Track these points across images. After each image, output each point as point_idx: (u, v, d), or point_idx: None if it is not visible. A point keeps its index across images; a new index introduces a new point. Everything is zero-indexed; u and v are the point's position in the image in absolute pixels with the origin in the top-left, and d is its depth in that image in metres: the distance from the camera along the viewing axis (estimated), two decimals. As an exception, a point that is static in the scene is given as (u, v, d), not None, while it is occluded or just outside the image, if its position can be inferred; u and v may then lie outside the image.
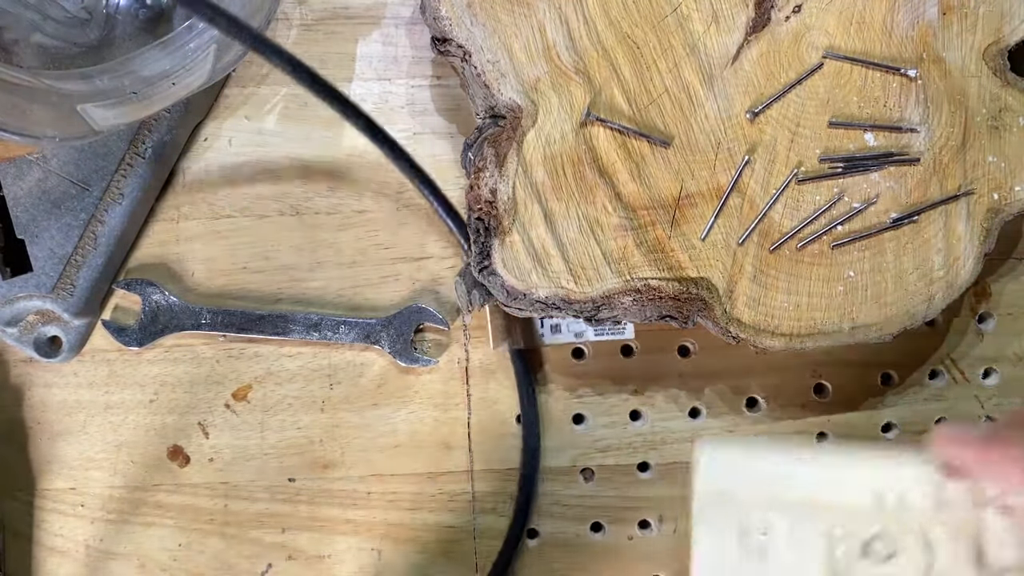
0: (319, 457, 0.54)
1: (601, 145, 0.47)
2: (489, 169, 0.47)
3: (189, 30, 0.46)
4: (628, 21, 0.47)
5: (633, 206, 0.47)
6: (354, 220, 0.55)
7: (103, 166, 0.52)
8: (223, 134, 0.55)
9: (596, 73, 0.47)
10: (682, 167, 0.47)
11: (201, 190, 0.55)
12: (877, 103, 0.48)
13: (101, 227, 0.52)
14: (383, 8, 0.56)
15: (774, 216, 0.47)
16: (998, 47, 0.48)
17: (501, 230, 0.47)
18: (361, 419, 0.55)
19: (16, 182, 0.52)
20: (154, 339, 0.54)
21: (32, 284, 0.51)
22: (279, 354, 0.55)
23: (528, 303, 0.47)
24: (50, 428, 0.54)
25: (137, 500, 0.54)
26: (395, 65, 0.56)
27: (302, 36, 0.55)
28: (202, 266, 0.55)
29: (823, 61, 0.47)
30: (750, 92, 0.47)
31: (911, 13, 0.47)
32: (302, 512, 0.54)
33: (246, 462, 0.54)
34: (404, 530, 0.54)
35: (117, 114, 0.47)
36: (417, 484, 0.55)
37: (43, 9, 0.50)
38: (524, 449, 0.54)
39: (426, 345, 0.55)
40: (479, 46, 0.47)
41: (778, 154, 0.47)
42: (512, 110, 0.47)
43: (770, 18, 0.47)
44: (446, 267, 0.55)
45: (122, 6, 0.52)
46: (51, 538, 0.54)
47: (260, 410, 0.54)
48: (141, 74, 0.45)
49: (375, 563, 0.54)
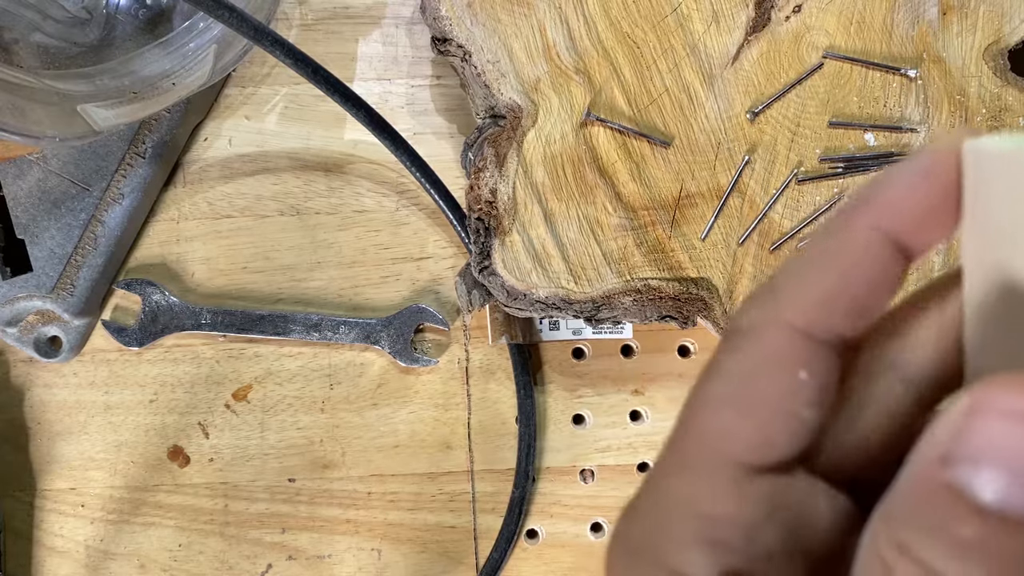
0: (319, 457, 0.54)
1: (601, 145, 0.47)
2: (489, 169, 0.47)
3: (189, 30, 0.46)
4: (628, 21, 0.47)
5: (633, 206, 0.47)
6: (354, 220, 0.55)
7: (103, 166, 0.52)
8: (223, 134, 0.55)
9: (596, 73, 0.47)
10: (682, 167, 0.47)
11: (201, 190, 0.55)
12: (877, 103, 0.48)
13: (101, 227, 0.52)
14: (383, 8, 0.56)
15: (774, 216, 0.47)
16: (998, 47, 0.48)
17: (501, 230, 0.47)
18: (361, 419, 0.55)
19: (16, 182, 0.52)
20: (154, 339, 0.54)
21: (32, 284, 0.51)
22: (279, 354, 0.55)
23: (528, 303, 0.47)
24: (50, 428, 0.54)
25: (137, 500, 0.54)
26: (395, 65, 0.56)
27: (302, 36, 0.55)
28: (202, 266, 0.55)
29: (823, 61, 0.47)
30: (750, 92, 0.47)
31: (911, 13, 0.47)
32: (302, 512, 0.54)
33: (246, 462, 0.54)
34: (404, 530, 0.54)
35: (117, 114, 0.47)
36: (417, 484, 0.55)
37: (43, 9, 0.50)
38: (520, 439, 0.54)
39: (426, 345, 0.55)
40: (479, 46, 0.47)
41: (778, 154, 0.47)
42: (512, 110, 0.47)
43: (770, 18, 0.47)
44: (446, 267, 0.55)
45: (122, 6, 0.52)
46: (51, 538, 0.54)
47: (260, 410, 0.54)
48: (141, 74, 0.45)
49: (375, 563, 0.54)
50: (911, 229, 0.20)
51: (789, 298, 0.20)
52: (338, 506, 0.54)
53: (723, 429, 0.20)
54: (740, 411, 0.20)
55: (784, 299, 0.20)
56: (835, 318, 0.20)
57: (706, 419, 0.20)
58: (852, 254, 0.20)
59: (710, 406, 0.20)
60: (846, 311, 0.20)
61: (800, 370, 0.20)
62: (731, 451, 0.20)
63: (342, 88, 0.48)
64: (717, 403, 0.20)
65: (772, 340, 0.20)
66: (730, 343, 0.21)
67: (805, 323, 0.20)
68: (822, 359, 0.20)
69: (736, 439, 0.20)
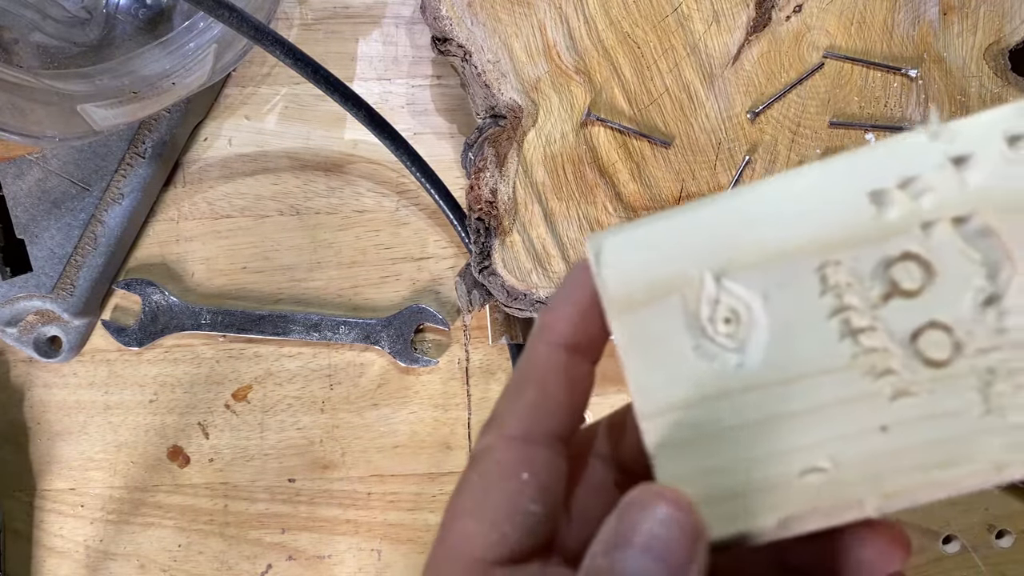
0: (319, 457, 0.54)
1: (602, 145, 0.47)
2: (489, 169, 0.47)
3: (189, 30, 0.46)
4: (629, 21, 0.47)
5: (634, 206, 0.47)
6: (354, 220, 0.55)
7: (103, 166, 0.52)
8: (223, 134, 0.55)
9: (597, 73, 0.47)
10: (683, 167, 0.47)
11: (201, 190, 0.55)
12: (878, 103, 0.48)
13: (101, 227, 0.52)
14: (383, 8, 0.56)
15: (775, 216, 0.47)
16: (999, 47, 0.48)
17: (501, 230, 0.47)
18: (361, 419, 0.54)
19: (16, 182, 0.52)
20: (154, 339, 0.54)
21: (32, 284, 0.51)
22: (279, 354, 0.55)
23: (528, 303, 0.47)
24: (50, 428, 0.54)
25: (137, 500, 0.54)
26: (395, 65, 0.56)
27: (302, 36, 0.55)
28: (202, 266, 0.55)
29: (824, 61, 0.47)
30: (751, 92, 0.47)
31: (912, 13, 0.47)
32: (302, 512, 0.54)
33: (246, 462, 0.54)
34: (404, 530, 0.54)
35: (117, 114, 0.47)
36: (417, 484, 0.54)
37: (43, 9, 0.50)
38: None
39: (426, 345, 0.55)
40: (479, 46, 0.47)
41: (779, 154, 0.47)
42: (512, 110, 0.47)
43: (771, 18, 0.47)
44: (446, 267, 0.55)
45: (122, 6, 0.52)
46: (51, 538, 0.54)
47: (260, 410, 0.54)
48: (141, 74, 0.45)
49: (375, 563, 0.54)
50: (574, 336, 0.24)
51: (507, 416, 0.25)
52: (338, 506, 0.54)
53: (465, 534, 0.23)
54: (476, 517, 0.24)
55: (504, 418, 0.25)
56: (545, 421, 0.24)
57: (453, 529, 0.24)
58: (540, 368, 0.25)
59: (456, 517, 0.24)
60: (552, 413, 0.25)
61: (522, 472, 0.24)
62: (471, 552, 0.23)
63: (342, 88, 0.48)
64: (460, 513, 0.24)
65: (499, 454, 0.24)
66: (471, 464, 0.25)
67: (522, 432, 0.24)
68: (543, 459, 0.24)
69: (475, 542, 0.23)
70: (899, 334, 0.23)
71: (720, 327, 0.23)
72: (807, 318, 0.23)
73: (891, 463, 0.22)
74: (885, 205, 0.23)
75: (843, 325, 0.23)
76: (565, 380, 0.25)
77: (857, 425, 0.22)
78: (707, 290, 0.23)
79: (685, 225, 0.24)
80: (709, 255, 0.23)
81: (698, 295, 0.23)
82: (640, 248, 0.24)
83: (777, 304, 0.23)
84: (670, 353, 0.23)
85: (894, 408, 0.22)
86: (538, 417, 0.24)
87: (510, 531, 0.23)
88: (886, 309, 0.23)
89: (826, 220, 0.23)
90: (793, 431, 0.22)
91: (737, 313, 0.23)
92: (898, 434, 0.22)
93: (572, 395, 0.25)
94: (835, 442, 0.22)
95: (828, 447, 0.22)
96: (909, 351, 0.22)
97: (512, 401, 0.25)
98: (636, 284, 0.24)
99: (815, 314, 0.23)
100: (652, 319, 0.23)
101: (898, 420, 0.22)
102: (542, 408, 0.24)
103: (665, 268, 0.24)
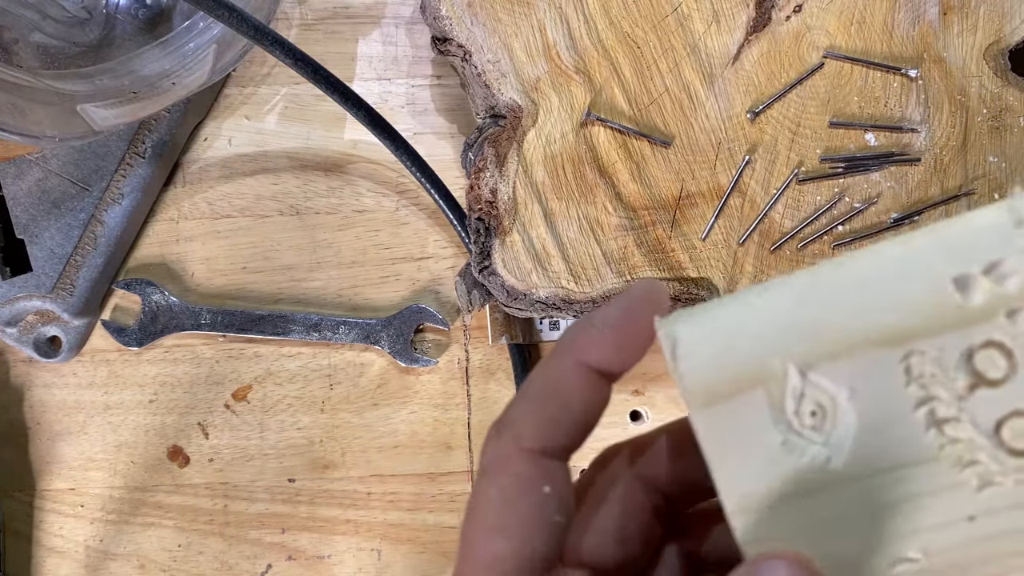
0: (319, 457, 0.54)
1: (601, 145, 0.47)
2: (489, 169, 0.47)
3: (189, 30, 0.46)
4: (628, 21, 0.47)
5: (633, 206, 0.47)
6: (354, 220, 0.55)
7: (103, 166, 0.52)
8: (223, 134, 0.55)
9: (596, 73, 0.47)
10: (682, 167, 0.47)
11: (201, 190, 0.55)
12: (878, 103, 0.48)
13: (101, 227, 0.52)
14: (383, 8, 0.56)
15: (775, 216, 0.47)
16: (999, 47, 0.48)
17: (501, 230, 0.47)
18: (361, 419, 0.54)
19: (16, 182, 0.52)
20: (154, 339, 0.54)
21: (32, 284, 0.51)
22: (279, 354, 0.55)
23: (528, 303, 0.47)
24: (50, 428, 0.54)
25: (137, 500, 0.54)
26: (395, 65, 0.56)
27: (302, 36, 0.55)
28: (202, 266, 0.55)
29: (824, 61, 0.47)
30: (751, 92, 0.47)
31: (912, 13, 0.47)
32: (302, 512, 0.54)
33: (246, 462, 0.54)
34: (404, 530, 0.54)
35: (117, 114, 0.47)
36: (417, 484, 0.54)
37: (43, 9, 0.50)
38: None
39: (426, 345, 0.55)
40: (479, 46, 0.47)
41: (779, 154, 0.47)
42: (512, 110, 0.47)
43: (771, 18, 0.47)
44: (446, 267, 0.55)
45: (122, 6, 0.52)
46: (51, 538, 0.54)
47: (260, 410, 0.54)
48: (141, 74, 0.45)
49: (375, 563, 0.54)
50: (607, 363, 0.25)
51: (523, 428, 0.25)
52: (338, 506, 0.54)
53: (494, 551, 0.23)
54: (505, 533, 0.24)
55: (520, 429, 0.25)
56: (562, 436, 0.25)
57: (479, 545, 0.24)
58: (565, 384, 0.25)
59: (480, 533, 0.24)
60: (569, 429, 0.25)
61: (544, 485, 0.24)
62: (503, 568, 0.23)
63: (342, 88, 0.48)
64: (484, 529, 0.24)
65: (518, 467, 0.24)
66: (485, 477, 0.25)
67: (540, 446, 0.24)
68: (561, 472, 0.25)
69: (506, 557, 0.23)
70: (983, 424, 0.23)
71: (807, 420, 0.23)
72: (894, 410, 0.23)
73: (979, 552, 0.22)
74: (970, 291, 0.23)
75: (929, 416, 0.23)
76: (587, 399, 0.25)
77: (945, 516, 0.22)
78: (792, 384, 0.23)
79: (762, 311, 0.23)
80: (790, 345, 0.23)
81: (783, 389, 0.23)
82: (717, 337, 0.23)
83: (863, 396, 0.23)
84: (758, 448, 0.23)
85: (981, 498, 0.22)
86: (557, 433, 0.25)
87: (539, 544, 0.24)
88: (971, 400, 0.23)
89: (909, 307, 0.23)
90: (884, 524, 0.23)
91: (823, 407, 0.23)
92: (985, 524, 0.22)
93: (589, 414, 0.25)
94: (925, 533, 0.22)
95: (919, 538, 0.22)
96: (994, 440, 0.23)
97: (531, 412, 0.25)
98: (716, 377, 0.23)
99: (902, 406, 0.23)
100: (736, 413, 0.23)
101: (985, 510, 0.22)
102: (562, 425, 0.25)
103: (747, 360, 0.23)
